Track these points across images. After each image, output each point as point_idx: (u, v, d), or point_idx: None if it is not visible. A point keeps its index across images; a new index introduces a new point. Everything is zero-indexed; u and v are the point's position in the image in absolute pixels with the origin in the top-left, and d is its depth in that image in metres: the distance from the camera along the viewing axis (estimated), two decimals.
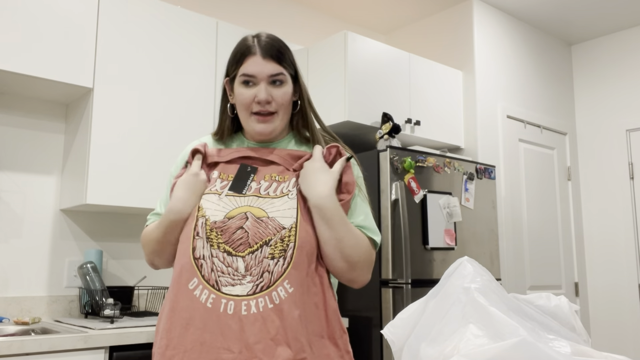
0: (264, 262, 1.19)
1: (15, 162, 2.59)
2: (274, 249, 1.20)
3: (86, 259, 2.59)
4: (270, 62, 1.28)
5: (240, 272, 1.19)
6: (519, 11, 3.91)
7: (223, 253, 1.21)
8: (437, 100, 3.52)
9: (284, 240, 1.21)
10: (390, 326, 0.94)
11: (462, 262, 0.90)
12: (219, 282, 1.19)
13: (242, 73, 1.29)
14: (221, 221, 1.23)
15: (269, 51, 1.29)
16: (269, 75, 1.28)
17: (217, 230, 1.22)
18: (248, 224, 1.22)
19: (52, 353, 1.94)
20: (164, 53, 2.69)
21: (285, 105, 1.32)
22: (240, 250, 1.20)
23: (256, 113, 1.29)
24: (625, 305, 3.92)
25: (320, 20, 3.87)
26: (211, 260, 1.20)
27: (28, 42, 2.31)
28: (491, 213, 3.21)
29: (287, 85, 1.31)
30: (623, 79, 4.13)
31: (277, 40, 1.33)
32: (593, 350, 0.81)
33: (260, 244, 1.20)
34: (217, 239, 1.22)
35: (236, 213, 1.23)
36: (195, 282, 1.20)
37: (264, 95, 1.27)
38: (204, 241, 1.22)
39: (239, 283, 1.18)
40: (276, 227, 1.21)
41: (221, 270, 1.20)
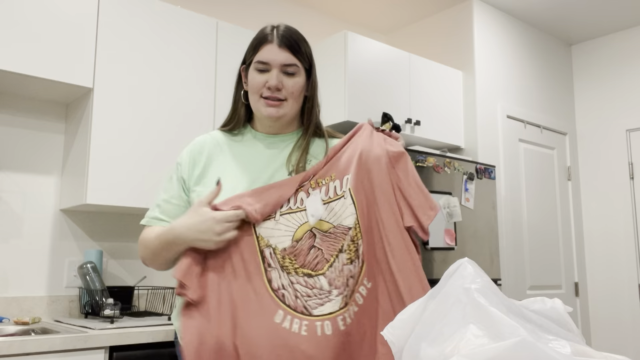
0: (345, 270, 1.18)
1: (15, 162, 2.59)
2: (350, 252, 1.20)
3: (86, 259, 2.59)
4: (285, 51, 1.30)
5: (325, 289, 1.17)
6: (519, 11, 3.91)
7: (303, 277, 1.18)
8: (437, 100, 3.52)
9: (354, 241, 1.21)
10: (389, 327, 0.94)
11: (463, 263, 0.90)
12: (307, 306, 1.16)
13: (257, 60, 1.30)
14: (291, 246, 1.19)
15: (285, 41, 1.30)
16: (282, 64, 1.29)
17: (289, 256, 1.19)
18: (318, 240, 1.20)
19: (52, 353, 1.94)
20: (164, 53, 2.69)
21: (296, 95, 1.32)
22: (319, 269, 1.18)
23: (266, 98, 1.30)
24: (625, 305, 3.92)
25: (320, 20, 3.87)
26: (293, 288, 1.17)
27: (28, 42, 2.31)
28: (491, 213, 3.21)
29: (299, 77, 1.33)
30: (623, 79, 4.13)
31: (296, 33, 1.34)
32: (593, 350, 0.81)
33: (336, 255, 1.19)
34: (293, 265, 1.19)
35: (302, 233, 1.21)
36: (281, 314, 1.15)
37: (274, 81, 1.28)
38: (279, 271, 1.18)
39: (327, 300, 1.16)
40: (343, 231, 1.21)
41: (306, 294, 1.17)
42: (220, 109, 2.83)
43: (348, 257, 1.19)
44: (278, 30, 1.32)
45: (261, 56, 1.30)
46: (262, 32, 1.34)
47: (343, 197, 1.24)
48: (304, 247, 1.19)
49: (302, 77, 1.33)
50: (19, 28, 2.30)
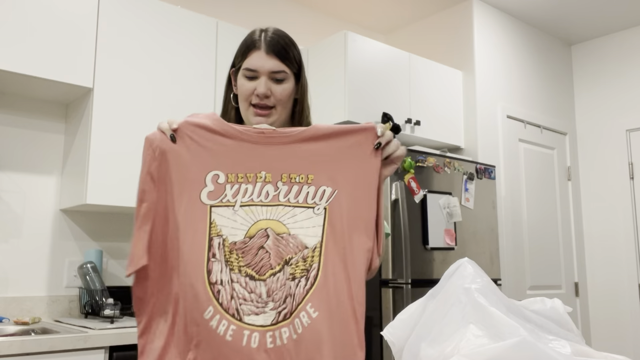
0: (286, 285, 1.10)
1: (15, 162, 2.59)
2: (295, 268, 1.11)
3: (86, 259, 2.59)
4: (273, 58, 1.28)
5: (263, 298, 1.09)
6: (519, 11, 3.91)
7: (245, 277, 1.10)
8: (437, 100, 3.52)
9: (306, 261, 1.11)
10: (390, 327, 0.94)
11: (463, 263, 0.90)
12: (241, 310, 1.08)
13: (245, 67, 1.30)
14: (242, 241, 1.11)
15: (273, 47, 1.29)
16: (270, 71, 1.28)
17: (237, 252, 1.11)
18: (269, 242, 1.12)
19: (52, 353, 1.94)
20: (164, 53, 2.69)
21: (284, 101, 1.31)
22: (262, 274, 1.10)
23: (254, 105, 1.30)
24: (625, 305, 3.92)
25: (320, 20, 3.87)
26: (231, 286, 1.09)
27: (28, 42, 2.31)
28: (491, 213, 3.21)
29: (288, 83, 1.31)
30: (623, 79, 4.13)
31: (284, 37, 1.32)
32: (593, 350, 0.81)
33: (281, 264, 1.11)
34: (238, 262, 1.11)
35: (256, 230, 1.12)
36: (211, 311, 1.08)
37: (262, 89, 1.27)
38: (223, 264, 1.10)
39: (262, 312, 1.08)
40: (298, 245, 1.12)
41: (243, 297, 1.09)
42: (220, 109, 2.82)
43: (292, 273, 1.10)
44: (266, 36, 1.31)
45: (249, 63, 1.29)
46: (250, 37, 1.32)
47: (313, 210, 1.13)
48: (254, 245, 1.11)
49: (290, 82, 1.32)
50: (19, 28, 2.30)
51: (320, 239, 1.12)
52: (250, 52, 1.30)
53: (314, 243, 1.12)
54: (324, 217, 1.13)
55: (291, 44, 1.33)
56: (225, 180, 1.14)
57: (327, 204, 1.14)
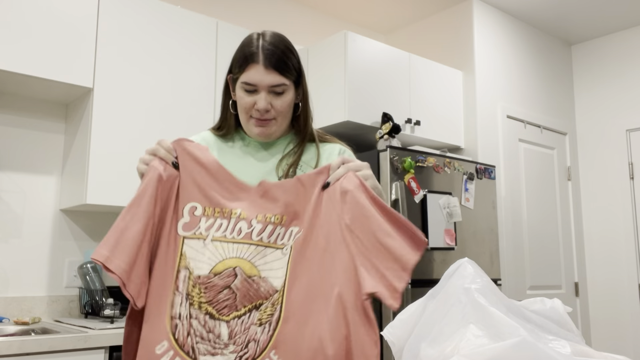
0: (251, 330, 1.05)
1: (15, 162, 2.59)
2: (263, 314, 1.07)
3: (86, 259, 2.59)
4: (272, 72, 1.25)
5: (222, 339, 1.04)
6: (519, 11, 3.91)
7: (205, 315, 1.05)
8: (437, 100, 3.52)
9: (274, 305, 1.07)
10: (389, 327, 0.94)
11: (463, 263, 0.90)
12: (196, 349, 1.04)
13: (244, 81, 1.27)
14: (206, 276, 1.08)
15: (272, 61, 1.25)
16: (270, 85, 1.26)
17: (200, 286, 1.07)
18: (237, 282, 1.08)
19: (52, 353, 1.94)
20: (164, 53, 2.69)
21: (285, 112, 1.31)
22: (224, 314, 1.06)
23: (255, 118, 1.29)
24: (625, 304, 3.92)
25: (320, 20, 3.87)
26: (189, 322, 1.05)
27: (28, 42, 2.31)
28: (491, 213, 3.21)
29: (288, 94, 1.29)
30: (623, 79, 4.13)
31: (282, 46, 1.28)
32: (593, 350, 0.81)
33: (249, 308, 1.07)
34: (199, 298, 1.07)
35: (223, 268, 1.08)
36: (164, 345, 1.03)
37: (263, 105, 1.26)
38: (183, 298, 1.06)
39: (219, 353, 1.03)
40: (268, 289, 1.08)
41: (200, 335, 1.05)
42: (219, 109, 2.82)
43: (259, 318, 1.06)
44: (264, 45, 1.26)
45: (248, 77, 1.26)
46: (248, 47, 1.28)
47: (281, 250, 1.11)
48: (219, 283, 1.07)
49: (291, 92, 1.30)
50: (19, 28, 2.30)
51: (284, 280, 1.08)
52: (248, 66, 1.26)
53: (279, 284, 1.08)
54: (288, 257, 1.10)
55: (289, 51, 1.29)
56: (202, 212, 1.13)
57: (293, 242, 1.11)
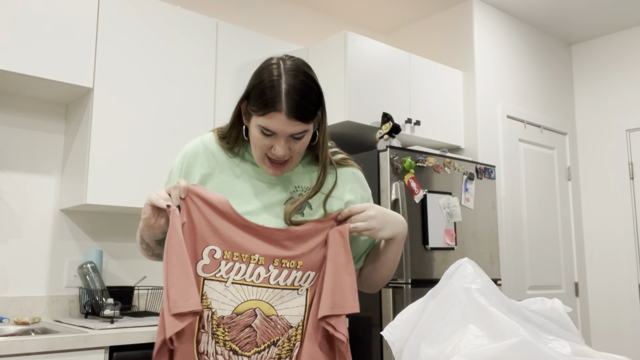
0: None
1: (15, 162, 2.59)
2: (282, 349, 1.18)
3: (86, 259, 2.59)
4: (295, 122, 1.16)
5: None
6: (519, 11, 3.91)
7: (229, 351, 1.16)
8: (437, 100, 3.52)
9: (290, 340, 1.18)
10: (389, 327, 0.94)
11: (463, 263, 0.90)
12: None
13: (263, 126, 1.17)
14: (229, 317, 1.17)
15: (296, 112, 1.15)
16: (292, 134, 1.18)
17: (224, 326, 1.17)
18: (257, 322, 1.17)
19: (52, 353, 1.93)
20: (164, 53, 2.69)
21: (302, 152, 1.25)
22: (246, 350, 1.16)
23: (270, 159, 1.22)
24: (625, 305, 3.92)
25: (320, 20, 3.87)
26: (215, 358, 1.15)
27: (28, 42, 2.31)
28: (491, 213, 3.21)
29: (308, 135, 1.22)
30: (623, 79, 4.13)
31: (306, 91, 1.17)
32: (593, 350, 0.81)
33: (267, 344, 1.17)
34: (224, 336, 1.16)
35: (244, 309, 1.17)
36: None
37: (281, 153, 1.19)
38: (209, 336, 1.16)
39: None
40: (284, 326, 1.19)
41: None
42: (220, 109, 2.83)
43: (278, 353, 1.17)
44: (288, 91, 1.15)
45: (268, 124, 1.16)
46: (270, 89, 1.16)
47: (297, 291, 1.21)
48: (241, 322, 1.17)
49: (310, 132, 1.22)
50: (19, 28, 2.30)
51: (303, 317, 1.20)
52: (269, 113, 1.15)
53: (298, 321, 1.20)
54: (305, 297, 1.21)
55: (313, 93, 1.19)
56: (222, 256, 1.18)
57: (310, 285, 1.22)
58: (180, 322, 1.11)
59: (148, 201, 1.18)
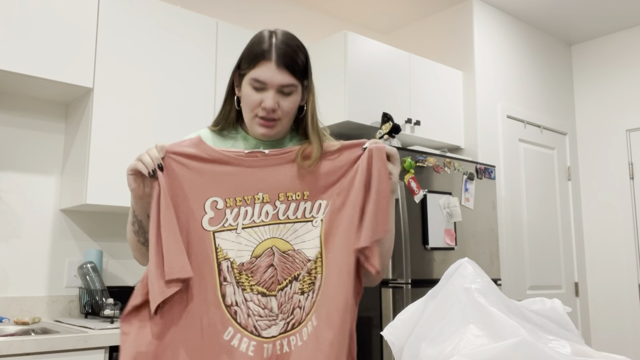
0: (294, 299, 1.16)
1: (15, 162, 2.59)
2: (303, 283, 1.16)
3: (86, 259, 2.59)
4: (284, 71, 1.23)
5: (274, 312, 1.15)
6: (519, 11, 3.91)
7: (257, 295, 1.15)
8: (437, 100, 3.52)
9: (311, 274, 1.17)
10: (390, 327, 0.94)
11: (463, 263, 0.90)
12: (258, 326, 1.14)
13: (253, 77, 1.24)
14: (249, 262, 1.16)
15: (284, 60, 1.23)
16: (280, 84, 1.24)
17: (246, 272, 1.16)
18: (276, 260, 1.16)
19: (52, 353, 1.94)
20: (163, 53, 2.69)
21: (290, 113, 1.29)
22: (272, 290, 1.15)
23: (260, 117, 1.26)
24: (625, 305, 3.92)
25: (320, 20, 3.87)
26: (246, 306, 1.14)
27: (28, 42, 2.31)
28: (491, 213, 3.21)
29: (296, 95, 1.27)
30: (623, 79, 4.13)
31: (294, 46, 1.27)
32: (593, 350, 0.81)
33: (289, 280, 1.16)
34: (249, 282, 1.15)
35: (262, 250, 1.16)
36: (230, 331, 1.13)
37: (270, 104, 1.23)
38: (234, 286, 1.15)
39: (274, 324, 1.14)
40: (303, 260, 1.17)
41: (258, 313, 1.14)
42: (219, 109, 2.83)
43: (300, 288, 1.16)
44: (277, 44, 1.24)
45: (258, 74, 1.23)
46: (259, 44, 1.26)
47: (312, 223, 1.18)
48: (262, 264, 1.16)
49: (298, 93, 1.28)
50: (19, 28, 2.30)
51: (320, 249, 1.17)
52: (259, 62, 1.24)
53: (315, 254, 1.17)
54: (320, 228, 1.18)
55: (300, 51, 1.28)
56: (224, 205, 1.17)
57: (324, 215, 1.18)
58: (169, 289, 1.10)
59: (129, 171, 1.16)
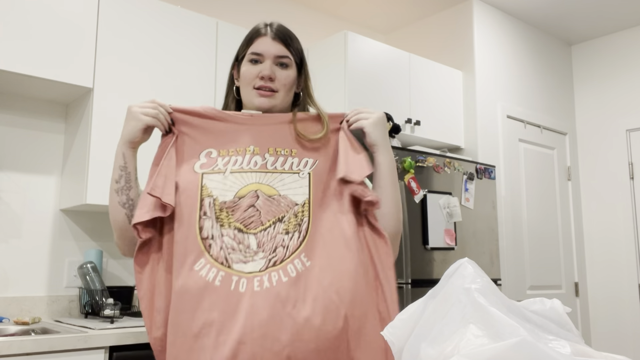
0: (277, 238, 1.18)
1: (15, 162, 2.59)
2: (288, 224, 1.20)
3: (86, 259, 2.59)
4: (279, 43, 1.34)
5: (252, 249, 1.17)
6: (519, 11, 3.91)
7: (234, 230, 1.18)
8: (437, 100, 3.52)
9: (297, 216, 1.20)
10: (390, 327, 0.94)
11: (463, 263, 0.90)
12: (229, 259, 1.16)
13: (251, 51, 1.35)
14: (231, 201, 1.20)
15: (279, 34, 1.36)
16: (276, 55, 1.34)
17: (227, 210, 1.20)
18: (259, 202, 1.20)
19: (52, 353, 1.93)
20: (163, 53, 2.69)
21: (287, 86, 1.35)
22: (251, 228, 1.19)
23: (258, 88, 1.33)
24: (625, 305, 3.92)
25: (320, 20, 3.87)
26: (221, 240, 1.17)
27: (28, 42, 2.31)
28: (491, 213, 3.21)
29: (291, 70, 1.36)
30: (623, 79, 4.13)
31: (288, 29, 1.39)
32: (593, 350, 0.81)
33: (273, 221, 1.19)
34: (228, 218, 1.19)
35: (246, 192, 1.21)
36: (202, 262, 1.16)
37: (268, 71, 1.32)
38: (213, 221, 1.19)
39: (250, 260, 1.16)
40: (288, 204, 1.21)
41: (231, 247, 1.17)
42: (220, 108, 2.83)
43: (285, 228, 1.19)
44: (272, 25, 1.38)
45: (255, 48, 1.34)
46: (255, 28, 1.39)
47: (298, 174, 1.24)
48: (243, 203, 1.20)
49: (293, 69, 1.37)
50: (19, 28, 2.30)
51: (308, 196, 1.23)
52: (256, 39, 1.35)
53: (303, 199, 1.22)
54: (308, 180, 1.25)
55: (295, 36, 1.40)
56: (217, 154, 1.26)
57: (311, 170, 1.26)
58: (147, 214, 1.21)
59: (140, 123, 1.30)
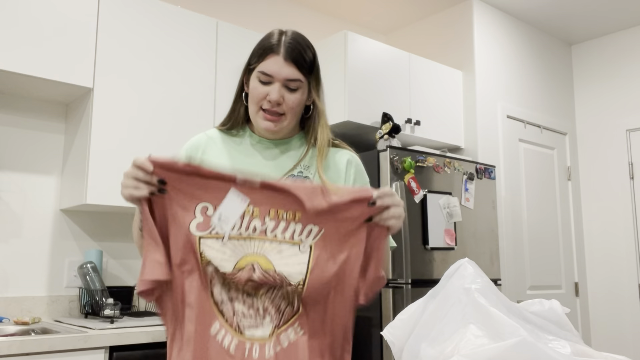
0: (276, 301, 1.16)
1: (15, 162, 2.59)
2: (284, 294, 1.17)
3: (86, 259, 2.59)
4: (290, 65, 1.27)
5: (260, 312, 1.15)
6: (519, 11, 3.91)
7: (243, 295, 1.15)
8: (437, 100, 3.52)
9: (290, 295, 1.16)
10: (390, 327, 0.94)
11: (463, 264, 0.90)
12: (241, 325, 1.14)
13: (260, 70, 1.28)
14: (231, 273, 1.14)
15: (292, 54, 1.27)
16: (286, 78, 1.27)
17: (229, 279, 1.16)
18: (256, 276, 1.15)
19: (52, 353, 1.94)
20: (163, 53, 2.69)
21: (296, 110, 1.31)
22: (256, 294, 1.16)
23: (265, 110, 1.29)
24: (625, 305, 3.92)
25: (320, 20, 3.87)
26: (232, 304, 1.15)
27: (28, 42, 2.31)
28: (491, 213, 3.21)
29: (302, 92, 1.30)
30: (623, 79, 4.13)
31: (303, 44, 1.30)
32: (593, 350, 0.81)
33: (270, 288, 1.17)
34: (236, 285, 1.16)
35: (244, 264, 1.14)
36: (217, 326, 1.14)
37: (275, 96, 1.26)
38: (221, 286, 1.16)
39: (260, 324, 1.14)
40: (283, 281, 1.16)
41: (242, 313, 1.15)
42: (220, 109, 2.83)
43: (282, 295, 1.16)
44: (285, 40, 1.29)
45: (265, 67, 1.27)
46: (268, 40, 1.30)
47: (299, 247, 1.15)
48: (242, 277, 1.14)
49: (304, 91, 1.31)
50: (20, 28, 2.30)
51: (304, 277, 1.14)
52: (267, 56, 1.28)
53: (298, 280, 1.14)
54: (309, 255, 1.15)
55: (309, 48, 1.31)
56: (214, 211, 1.14)
57: (314, 241, 1.15)
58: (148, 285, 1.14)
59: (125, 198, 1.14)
